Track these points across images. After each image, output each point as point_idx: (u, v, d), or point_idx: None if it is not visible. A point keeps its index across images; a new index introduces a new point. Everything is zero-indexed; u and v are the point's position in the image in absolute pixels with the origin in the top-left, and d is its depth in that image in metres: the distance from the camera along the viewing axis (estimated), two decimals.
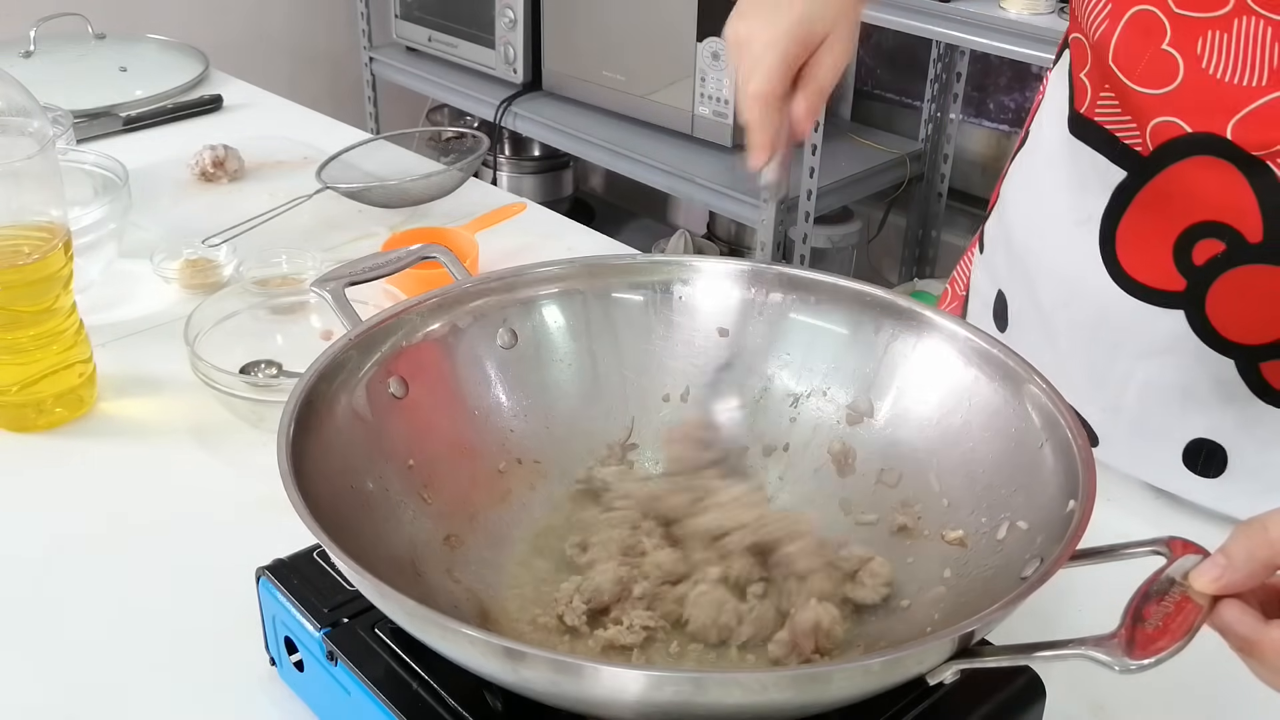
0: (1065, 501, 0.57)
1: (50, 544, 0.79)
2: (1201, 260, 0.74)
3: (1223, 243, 0.73)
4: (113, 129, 1.49)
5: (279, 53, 2.93)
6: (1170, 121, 0.72)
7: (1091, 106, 0.79)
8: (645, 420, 0.75)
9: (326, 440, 0.62)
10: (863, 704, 0.53)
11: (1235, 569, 0.48)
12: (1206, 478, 0.82)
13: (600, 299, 0.76)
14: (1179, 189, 0.74)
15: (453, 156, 1.37)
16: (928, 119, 2.46)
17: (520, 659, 0.48)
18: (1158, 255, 0.76)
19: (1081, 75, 0.79)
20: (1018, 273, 0.89)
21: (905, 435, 0.70)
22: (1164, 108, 0.72)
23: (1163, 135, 0.73)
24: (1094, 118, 0.79)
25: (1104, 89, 0.77)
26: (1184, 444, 0.82)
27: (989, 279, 0.94)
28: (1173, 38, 0.71)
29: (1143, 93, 0.73)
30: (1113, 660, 0.47)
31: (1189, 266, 0.75)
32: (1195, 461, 0.82)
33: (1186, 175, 0.73)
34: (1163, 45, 0.71)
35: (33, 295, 0.86)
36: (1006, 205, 0.92)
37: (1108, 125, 0.77)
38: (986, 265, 0.95)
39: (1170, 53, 0.71)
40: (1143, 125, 0.74)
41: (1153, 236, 0.76)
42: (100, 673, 0.69)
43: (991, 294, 0.93)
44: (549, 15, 2.47)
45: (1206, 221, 0.73)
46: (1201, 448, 0.81)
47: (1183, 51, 0.71)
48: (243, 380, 0.88)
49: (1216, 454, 0.80)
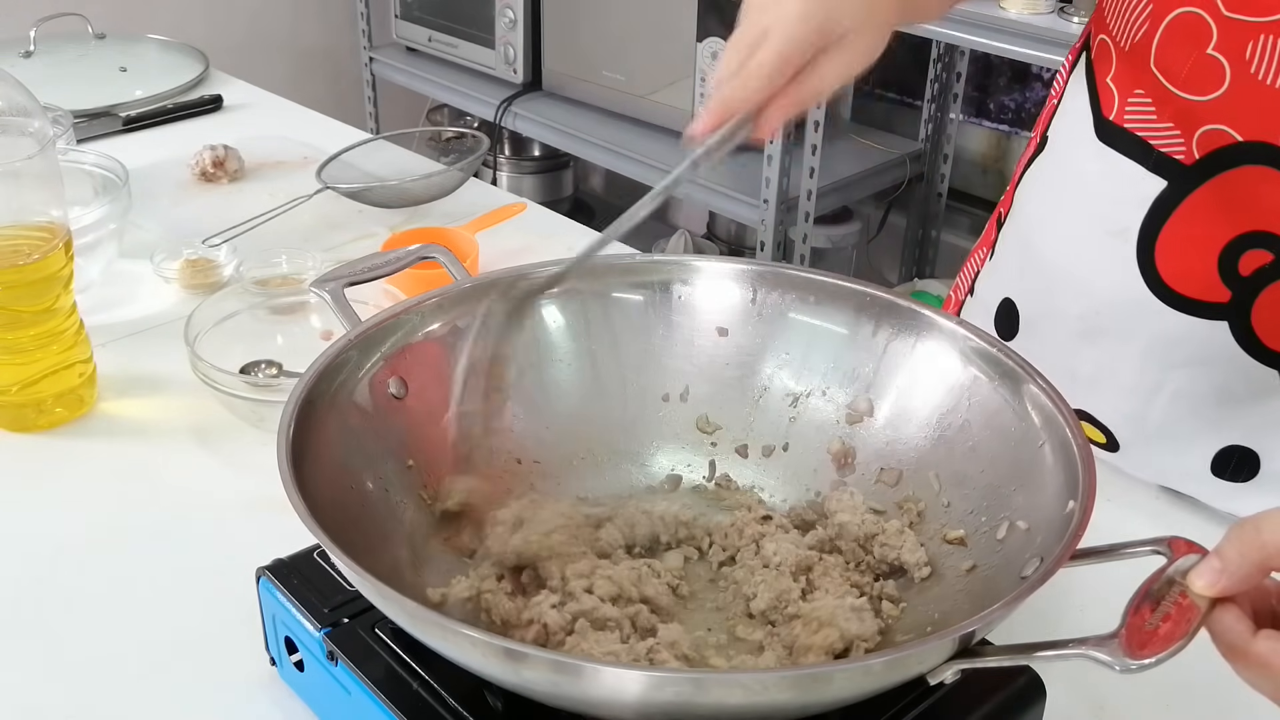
0: (1065, 501, 0.57)
1: (50, 544, 0.79)
2: (1248, 271, 0.73)
3: (1271, 253, 0.72)
4: (113, 129, 1.49)
5: (279, 53, 2.93)
6: (1219, 130, 0.70)
7: (1120, 113, 0.77)
8: (645, 420, 0.75)
9: (326, 441, 0.62)
10: (863, 705, 0.53)
11: (1230, 572, 0.48)
12: (1235, 482, 0.81)
13: (600, 299, 0.76)
14: (1227, 198, 0.72)
15: (453, 156, 1.37)
16: (928, 119, 2.46)
17: (522, 660, 0.48)
18: (1201, 266, 0.74)
19: (1108, 80, 0.77)
20: (1034, 281, 0.87)
21: (905, 435, 0.70)
22: (1211, 115, 0.70)
23: (1211, 143, 0.71)
24: (1124, 124, 0.77)
25: (1134, 93, 0.75)
26: (1215, 450, 0.81)
27: (995, 286, 0.93)
28: (1219, 41, 0.68)
29: (1187, 99, 0.71)
30: (1113, 660, 0.47)
31: (1234, 277, 0.73)
32: (1225, 468, 0.81)
33: (1235, 184, 0.71)
34: (1208, 50, 0.69)
35: (33, 295, 0.86)
36: (1023, 213, 0.90)
37: (1141, 132, 0.75)
38: (995, 272, 0.94)
39: (1216, 57, 0.69)
40: (1188, 132, 0.72)
41: (1196, 247, 0.74)
42: (100, 672, 0.69)
43: (995, 301, 0.92)
44: (549, 15, 2.47)
45: (1255, 231, 0.72)
46: (1233, 454, 0.80)
47: (1230, 56, 0.68)
48: (243, 380, 0.88)
49: (1248, 459, 0.80)
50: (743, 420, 0.75)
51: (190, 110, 1.57)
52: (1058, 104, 0.86)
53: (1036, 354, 0.83)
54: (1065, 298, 0.84)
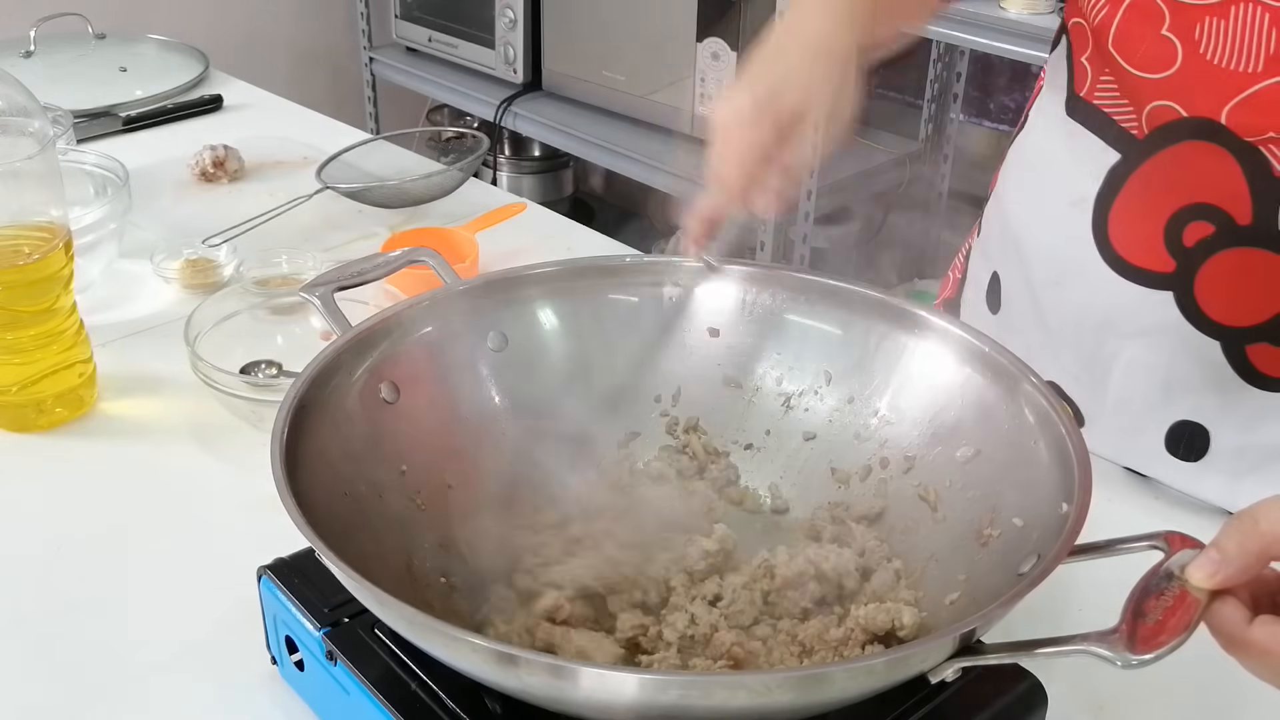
0: (1061, 497, 0.57)
1: (50, 544, 0.79)
2: (1191, 242, 0.75)
3: (1213, 225, 0.74)
4: (113, 129, 1.49)
5: (279, 53, 2.93)
6: (1167, 106, 0.73)
7: (1091, 90, 0.80)
8: (636, 421, 0.75)
9: (320, 446, 0.61)
10: (863, 710, 0.53)
11: (1229, 563, 0.48)
12: (1187, 461, 0.82)
13: (591, 300, 0.76)
14: (1172, 172, 0.75)
15: (453, 156, 1.37)
16: (927, 119, 2.46)
17: (522, 665, 0.48)
18: (1149, 236, 0.77)
19: (1083, 59, 0.80)
20: (1010, 252, 0.90)
21: (899, 434, 0.70)
22: (1161, 92, 0.73)
23: (1159, 119, 0.74)
24: (1093, 100, 0.79)
25: (1104, 73, 0.78)
26: (1167, 426, 0.82)
27: (984, 261, 0.95)
28: (1171, 23, 0.72)
29: (1141, 77, 0.74)
30: (1115, 655, 0.46)
31: (1179, 248, 0.76)
32: (1177, 446, 0.83)
33: (1180, 158, 0.74)
34: (1162, 31, 0.72)
35: (33, 295, 0.86)
36: (1003, 187, 0.93)
37: (1106, 108, 0.78)
38: (982, 248, 0.97)
39: (1169, 38, 0.72)
40: (1139, 109, 0.75)
41: (1144, 218, 0.77)
42: (101, 672, 0.69)
43: (986, 277, 0.94)
44: (549, 15, 2.47)
45: (1198, 204, 0.74)
46: (1184, 431, 0.82)
47: (1181, 37, 0.72)
48: (243, 380, 0.88)
49: (1199, 436, 0.81)
50: (735, 421, 0.75)
51: (190, 110, 1.57)
52: (1042, 86, 0.89)
53: (1016, 326, 0.87)
54: (1034, 269, 0.87)
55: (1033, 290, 0.87)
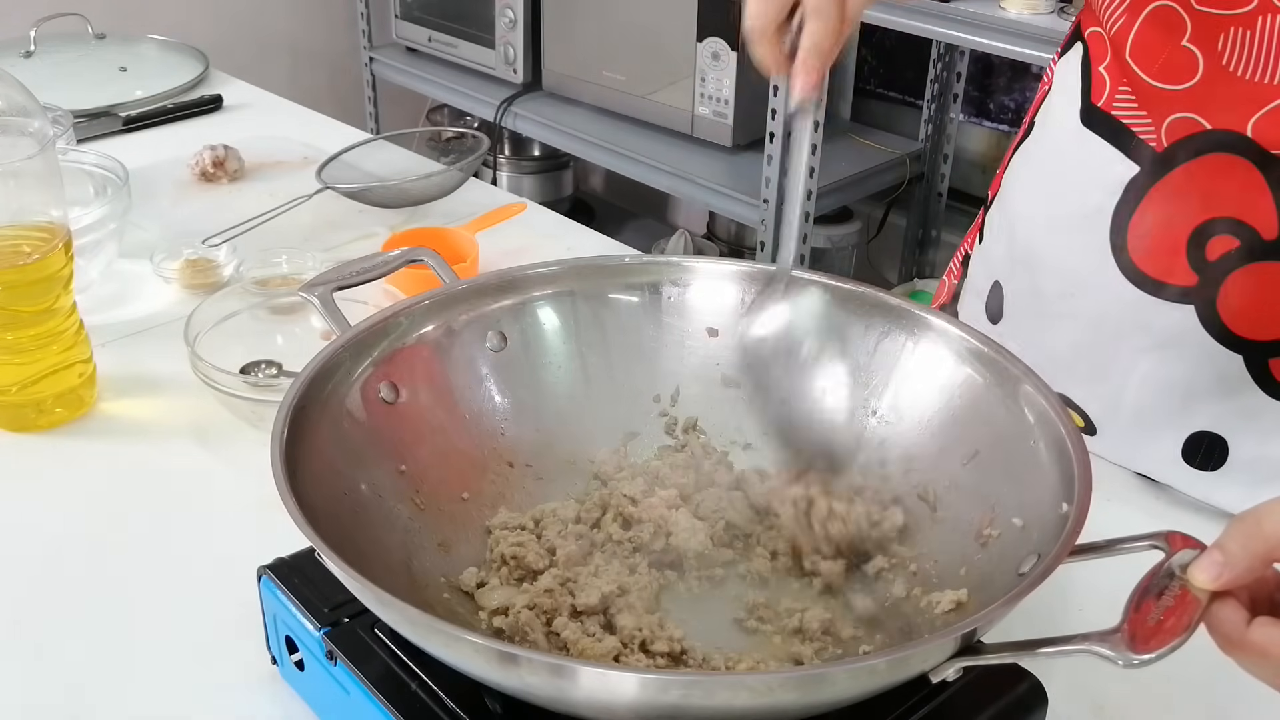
0: (1061, 497, 0.57)
1: (50, 544, 0.79)
2: (1215, 256, 0.74)
3: (1237, 239, 0.73)
4: (113, 129, 1.49)
5: (279, 53, 2.93)
6: (1188, 118, 0.72)
7: (1110, 100, 0.79)
8: (635, 421, 0.75)
9: (320, 446, 0.62)
10: (863, 710, 0.53)
11: (1232, 565, 0.48)
12: (1205, 471, 0.82)
13: (590, 300, 0.76)
14: (1195, 185, 0.74)
15: (453, 156, 1.37)
16: (928, 119, 2.46)
17: (522, 664, 0.48)
18: (1170, 250, 0.76)
19: (1101, 69, 0.79)
20: (1019, 263, 0.89)
21: (898, 433, 0.70)
22: (1182, 104, 0.72)
23: (1179, 131, 0.73)
24: (1111, 111, 0.79)
25: (1122, 83, 0.77)
26: (1185, 436, 0.82)
27: (986, 270, 0.94)
28: (1193, 34, 0.71)
29: (1160, 88, 0.73)
30: (1116, 655, 0.46)
31: (1202, 262, 0.75)
32: (1195, 455, 0.82)
33: (1203, 171, 0.73)
34: (1183, 41, 0.71)
35: (33, 295, 0.86)
36: (1009, 196, 0.92)
37: (1124, 119, 0.78)
38: (985, 256, 0.95)
39: (1190, 49, 0.71)
40: (1158, 121, 0.74)
41: (1165, 231, 0.76)
42: (100, 672, 0.69)
43: (987, 286, 0.93)
44: (549, 15, 2.47)
45: (1222, 218, 0.73)
46: (1203, 441, 0.81)
47: (1203, 48, 0.71)
48: (243, 380, 0.88)
49: (1218, 446, 0.81)
50: (735, 421, 0.75)
51: (190, 110, 1.57)
52: (1048, 91, 0.88)
53: (1020, 336, 0.86)
54: (1044, 279, 0.86)
55: (1043, 302, 0.86)
